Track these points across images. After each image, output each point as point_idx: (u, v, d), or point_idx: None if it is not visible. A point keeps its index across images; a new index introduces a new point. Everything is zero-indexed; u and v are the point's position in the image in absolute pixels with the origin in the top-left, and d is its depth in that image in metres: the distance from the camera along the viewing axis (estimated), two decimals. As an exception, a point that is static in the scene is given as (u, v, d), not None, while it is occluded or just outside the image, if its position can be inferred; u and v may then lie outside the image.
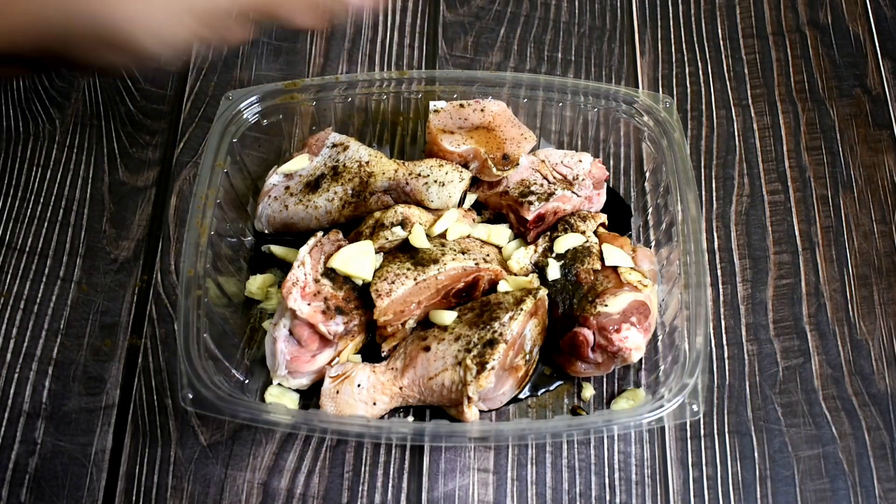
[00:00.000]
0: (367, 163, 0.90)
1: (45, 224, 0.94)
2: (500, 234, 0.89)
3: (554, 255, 0.87)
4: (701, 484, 0.82)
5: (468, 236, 0.88)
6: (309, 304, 0.79)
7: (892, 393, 0.87)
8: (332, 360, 0.81)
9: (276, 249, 0.90)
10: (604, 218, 0.91)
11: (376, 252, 0.84)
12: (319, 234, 0.84)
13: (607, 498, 0.81)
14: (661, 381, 0.81)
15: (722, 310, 0.91)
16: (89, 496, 0.80)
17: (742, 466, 0.83)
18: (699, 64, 1.08)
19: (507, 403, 0.83)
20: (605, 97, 0.91)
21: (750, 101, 1.05)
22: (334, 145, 0.92)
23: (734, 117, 1.04)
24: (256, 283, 0.88)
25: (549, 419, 0.83)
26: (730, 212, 0.97)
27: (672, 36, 1.10)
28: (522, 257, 0.87)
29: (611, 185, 0.96)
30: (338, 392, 0.79)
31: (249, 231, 0.92)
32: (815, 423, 0.85)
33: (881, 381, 0.88)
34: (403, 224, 0.85)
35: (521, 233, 0.90)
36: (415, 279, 0.81)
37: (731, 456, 0.84)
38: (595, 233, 0.89)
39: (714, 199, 0.98)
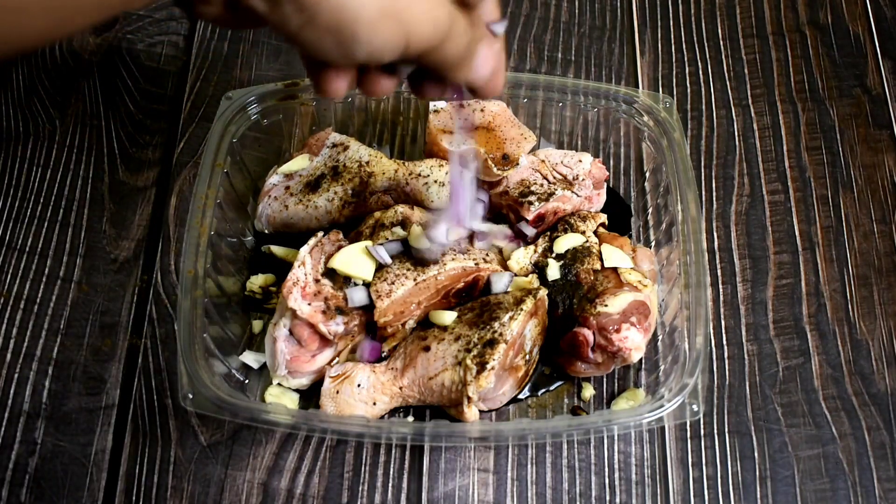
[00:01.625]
0: (367, 163, 0.90)
1: (45, 224, 0.94)
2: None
3: (554, 255, 0.87)
4: (701, 484, 0.82)
5: (468, 236, 0.88)
6: (309, 304, 0.79)
7: (892, 393, 0.87)
8: (332, 360, 0.81)
9: (276, 250, 0.90)
10: (604, 218, 0.91)
11: (376, 252, 0.84)
12: (320, 234, 0.84)
13: (607, 498, 0.81)
14: (661, 381, 0.81)
15: (722, 310, 0.91)
16: (89, 496, 0.80)
17: (742, 466, 0.83)
18: (699, 64, 1.08)
19: (507, 403, 0.83)
20: (605, 97, 0.91)
21: (750, 101, 1.05)
22: (334, 145, 0.92)
23: (734, 117, 1.04)
24: (256, 283, 0.88)
25: (549, 419, 0.83)
26: (730, 212, 0.97)
27: (672, 36, 1.10)
28: (522, 257, 0.87)
29: (611, 185, 0.96)
30: (338, 392, 0.79)
31: (249, 231, 0.92)
32: (815, 423, 0.85)
33: (881, 381, 0.88)
34: (403, 224, 0.85)
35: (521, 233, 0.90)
36: (415, 280, 0.81)
37: (731, 456, 0.84)
38: (595, 233, 0.89)
39: (714, 199, 0.98)
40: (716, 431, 0.85)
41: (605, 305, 0.80)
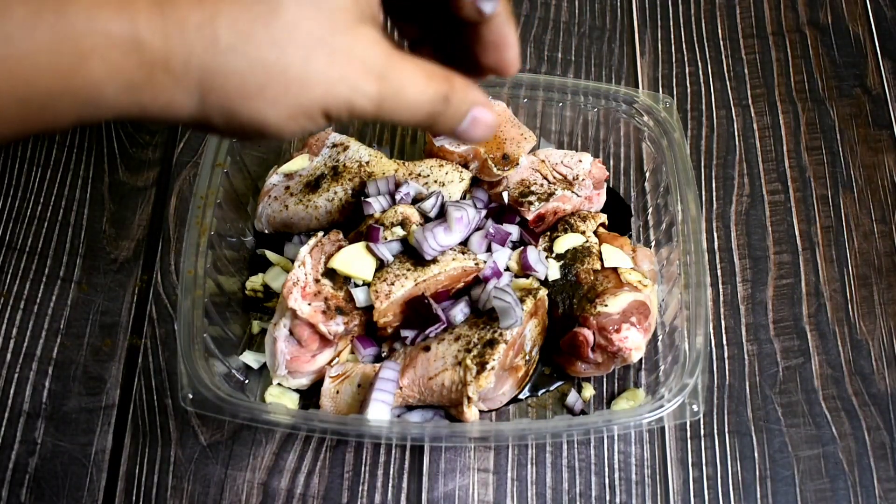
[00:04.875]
0: (367, 163, 0.90)
1: (45, 224, 0.94)
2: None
3: (554, 255, 0.87)
4: (701, 484, 0.82)
5: (468, 236, 0.88)
6: (309, 304, 0.79)
7: (892, 393, 0.87)
8: (332, 360, 0.81)
9: (271, 256, 0.90)
10: (604, 218, 0.91)
11: (376, 252, 0.84)
12: (320, 234, 0.84)
13: (607, 498, 0.81)
14: (661, 381, 0.81)
15: (722, 310, 0.91)
16: (89, 496, 0.80)
17: (742, 466, 0.83)
18: (699, 64, 1.08)
19: (507, 403, 0.83)
20: (605, 97, 0.91)
21: (750, 101, 1.05)
22: (334, 145, 0.92)
23: (734, 117, 1.04)
24: (257, 283, 0.88)
25: (549, 419, 0.83)
26: (730, 212, 0.97)
27: (672, 36, 1.10)
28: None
29: (611, 185, 0.96)
30: (338, 392, 0.79)
31: (249, 231, 0.92)
32: (815, 423, 0.85)
33: (881, 381, 0.88)
34: (403, 224, 0.85)
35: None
36: (415, 280, 0.81)
37: (731, 456, 0.84)
38: (595, 233, 0.89)
39: (714, 199, 0.98)
40: (716, 431, 0.85)
41: (605, 305, 0.80)
